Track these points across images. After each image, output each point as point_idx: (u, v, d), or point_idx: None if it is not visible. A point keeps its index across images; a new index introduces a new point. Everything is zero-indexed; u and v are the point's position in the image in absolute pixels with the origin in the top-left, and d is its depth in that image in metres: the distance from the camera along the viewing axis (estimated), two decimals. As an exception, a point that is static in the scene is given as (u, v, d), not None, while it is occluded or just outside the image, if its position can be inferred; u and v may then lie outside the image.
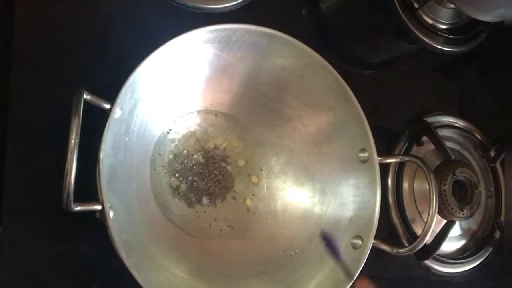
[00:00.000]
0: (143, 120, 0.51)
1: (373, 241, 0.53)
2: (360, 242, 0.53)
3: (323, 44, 0.66)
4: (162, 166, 0.55)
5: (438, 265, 0.69)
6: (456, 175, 0.65)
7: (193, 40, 0.48)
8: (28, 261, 0.47)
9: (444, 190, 0.65)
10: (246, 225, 0.58)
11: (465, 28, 0.64)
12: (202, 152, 0.57)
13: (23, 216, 0.48)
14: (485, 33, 0.64)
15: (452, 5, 0.61)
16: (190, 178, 0.56)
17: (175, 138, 0.56)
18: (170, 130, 0.55)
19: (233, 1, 0.59)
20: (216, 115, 0.58)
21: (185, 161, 0.56)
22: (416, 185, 0.68)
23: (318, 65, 0.53)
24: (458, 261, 0.71)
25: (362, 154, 0.55)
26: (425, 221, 0.54)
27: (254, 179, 0.59)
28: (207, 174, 0.57)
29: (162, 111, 0.54)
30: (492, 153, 0.75)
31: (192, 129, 0.57)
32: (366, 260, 0.52)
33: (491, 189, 0.75)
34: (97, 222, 0.44)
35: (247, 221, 0.58)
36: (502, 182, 0.75)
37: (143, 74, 0.46)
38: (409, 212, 0.67)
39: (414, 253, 0.57)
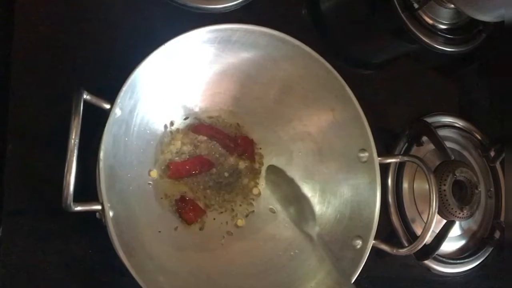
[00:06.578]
0: (143, 120, 0.51)
1: (373, 241, 0.53)
2: (360, 242, 0.53)
3: (323, 44, 0.66)
4: (162, 166, 0.55)
5: (438, 265, 0.69)
6: (456, 175, 0.65)
7: (193, 40, 0.48)
8: (28, 261, 0.47)
9: (444, 190, 0.64)
10: (246, 225, 0.58)
11: (465, 28, 0.64)
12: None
13: (23, 216, 0.48)
14: (485, 33, 0.64)
15: (452, 5, 0.61)
16: (190, 178, 0.56)
17: (175, 137, 0.55)
18: (170, 130, 0.55)
19: (233, 1, 0.59)
20: (215, 114, 0.58)
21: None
22: (416, 185, 0.68)
23: (318, 65, 0.53)
24: (458, 261, 0.71)
25: (362, 154, 0.55)
26: (425, 221, 0.54)
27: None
28: (207, 174, 0.57)
29: (162, 111, 0.54)
30: (492, 153, 0.75)
31: (192, 129, 0.57)
32: (366, 260, 0.52)
33: (491, 189, 0.75)
34: (97, 222, 0.44)
35: (247, 221, 0.58)
36: (502, 182, 0.75)
37: (143, 74, 0.46)
38: (409, 212, 0.67)
39: (414, 253, 0.57)
